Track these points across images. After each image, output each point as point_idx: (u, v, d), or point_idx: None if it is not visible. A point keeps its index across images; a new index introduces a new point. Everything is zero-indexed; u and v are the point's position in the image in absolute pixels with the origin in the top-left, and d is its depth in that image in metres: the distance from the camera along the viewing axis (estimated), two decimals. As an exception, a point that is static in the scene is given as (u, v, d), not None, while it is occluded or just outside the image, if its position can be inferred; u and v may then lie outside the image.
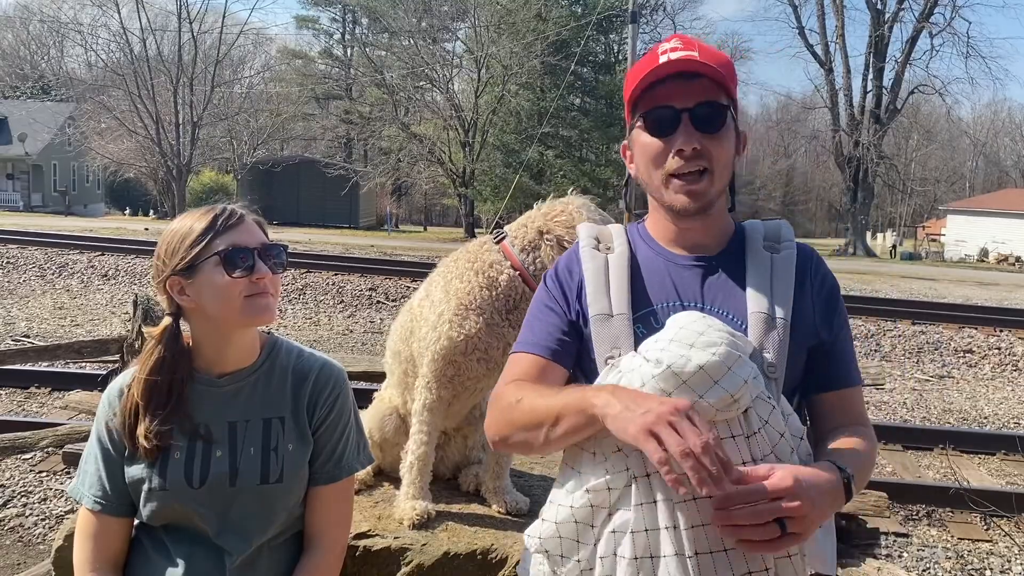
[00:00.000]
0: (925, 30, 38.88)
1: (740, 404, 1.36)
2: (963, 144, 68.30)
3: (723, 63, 1.58)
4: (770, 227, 1.70)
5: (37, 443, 4.65)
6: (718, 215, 1.65)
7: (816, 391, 1.66)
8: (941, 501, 5.68)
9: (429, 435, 2.43)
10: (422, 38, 33.24)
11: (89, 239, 18.50)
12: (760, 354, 1.50)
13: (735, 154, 1.64)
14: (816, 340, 1.61)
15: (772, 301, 1.56)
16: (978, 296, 18.65)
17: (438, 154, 32.93)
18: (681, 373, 1.35)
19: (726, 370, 1.35)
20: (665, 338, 1.42)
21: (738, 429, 1.37)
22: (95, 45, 42.16)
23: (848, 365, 1.66)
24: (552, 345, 1.66)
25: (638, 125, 1.61)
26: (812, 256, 1.68)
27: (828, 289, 1.66)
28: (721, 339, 1.38)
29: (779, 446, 1.40)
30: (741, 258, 1.63)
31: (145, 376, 1.72)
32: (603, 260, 1.68)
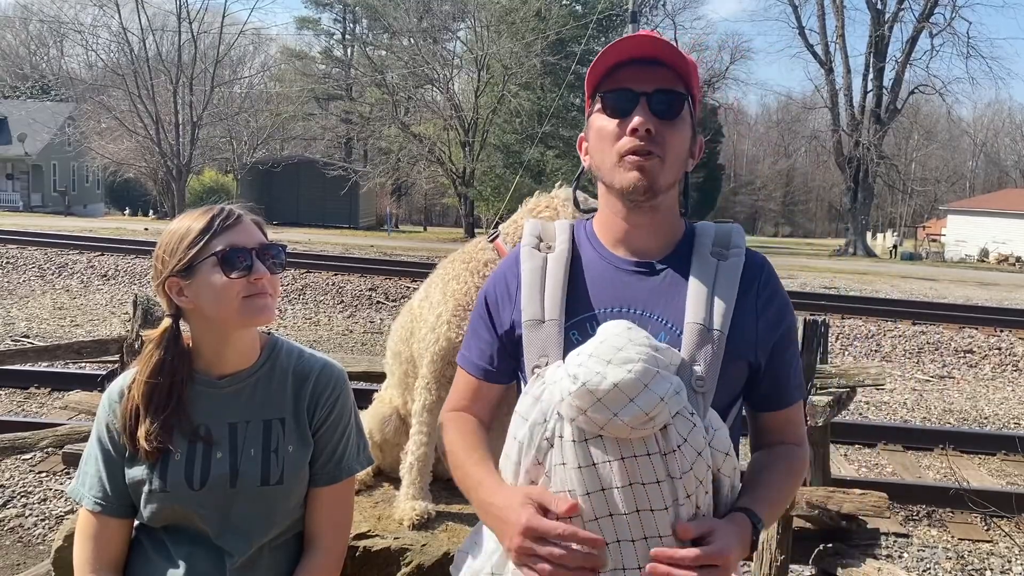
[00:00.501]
0: (925, 30, 38.90)
1: (656, 422, 1.34)
2: (963, 144, 68.36)
3: (685, 59, 1.57)
4: (721, 231, 1.65)
5: (37, 443, 4.65)
6: (666, 213, 1.62)
7: (755, 409, 1.67)
8: (941, 501, 5.68)
9: (429, 436, 2.43)
10: (422, 38, 33.23)
11: (89, 239, 18.50)
12: (690, 367, 1.48)
13: (689, 155, 1.62)
14: (754, 356, 1.58)
15: (711, 311, 1.53)
16: (978, 296, 18.65)
17: (438, 154, 32.92)
18: (595, 391, 1.33)
19: (642, 387, 1.33)
20: (585, 352, 1.40)
21: (654, 447, 1.36)
22: (95, 45, 42.18)
23: (787, 385, 1.64)
24: (484, 365, 1.70)
25: (596, 109, 1.60)
26: (763, 266, 1.64)
27: (776, 306, 1.62)
28: (639, 355, 1.36)
29: (696, 464, 1.38)
30: (687, 263, 1.60)
31: (145, 378, 1.72)
32: (541, 260, 1.65)
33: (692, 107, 1.59)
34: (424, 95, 34.66)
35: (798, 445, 1.66)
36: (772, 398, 1.64)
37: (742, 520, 1.45)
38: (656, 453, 1.36)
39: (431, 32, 34.11)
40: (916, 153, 57.83)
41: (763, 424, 1.67)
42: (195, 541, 1.72)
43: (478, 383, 1.71)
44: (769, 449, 1.65)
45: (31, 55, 58.19)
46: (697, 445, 1.38)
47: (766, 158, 74.59)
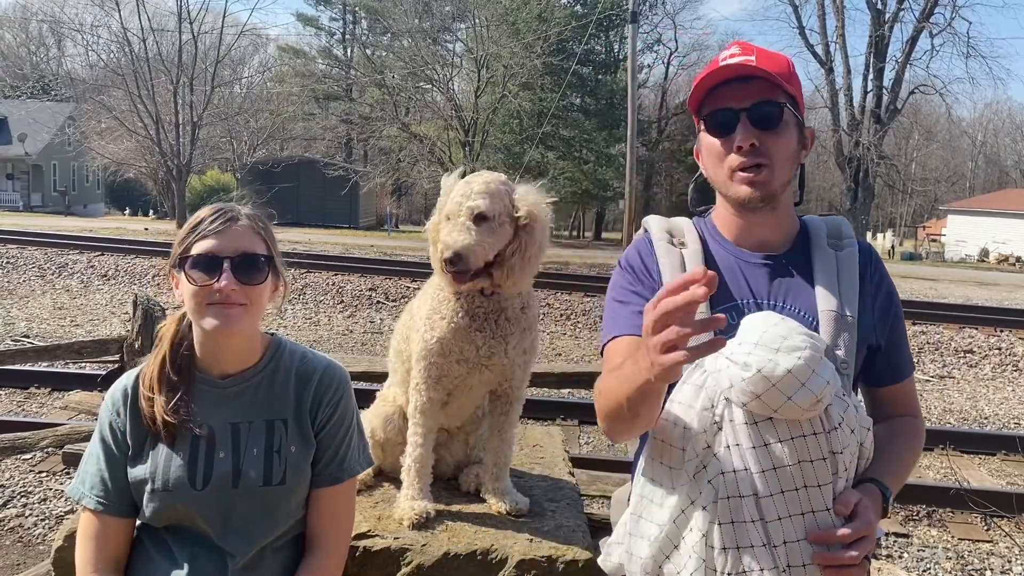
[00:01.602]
0: (925, 30, 38.85)
1: (823, 403, 1.46)
2: (963, 144, 68.31)
3: (780, 64, 1.66)
4: (831, 224, 1.77)
5: (37, 443, 4.65)
6: (784, 210, 1.72)
7: (872, 385, 1.78)
8: (941, 501, 5.68)
9: (424, 436, 2.44)
10: (422, 38, 33.22)
11: (89, 239, 18.50)
12: (833, 352, 1.59)
13: (801, 148, 1.71)
14: (874, 338, 1.69)
15: (841, 299, 1.64)
16: (978, 296, 18.65)
17: (438, 154, 32.90)
18: (771, 377, 1.43)
19: (811, 372, 1.44)
20: (750, 341, 1.49)
21: (819, 427, 1.48)
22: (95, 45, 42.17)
23: (900, 361, 1.77)
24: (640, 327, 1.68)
25: (702, 128, 1.71)
26: (871, 255, 1.76)
27: (885, 289, 1.75)
28: (804, 343, 1.46)
29: (851, 441, 1.52)
30: (808, 255, 1.70)
31: (165, 353, 1.75)
32: (678, 255, 1.73)
33: (795, 106, 1.68)
34: (424, 95, 34.65)
35: (915, 416, 1.79)
36: (888, 373, 1.76)
37: (874, 491, 1.57)
38: (821, 432, 1.48)
39: (431, 32, 34.09)
40: (916, 153, 57.79)
41: (881, 398, 1.79)
42: (197, 541, 1.72)
43: (637, 340, 1.58)
44: (889, 422, 1.76)
45: (31, 55, 58.18)
46: (851, 423, 1.52)
47: (766, 158, 74.42)
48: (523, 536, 2.32)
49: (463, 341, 2.34)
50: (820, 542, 1.46)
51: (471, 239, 2.12)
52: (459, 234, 2.12)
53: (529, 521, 2.43)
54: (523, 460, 2.96)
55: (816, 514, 1.48)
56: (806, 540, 1.47)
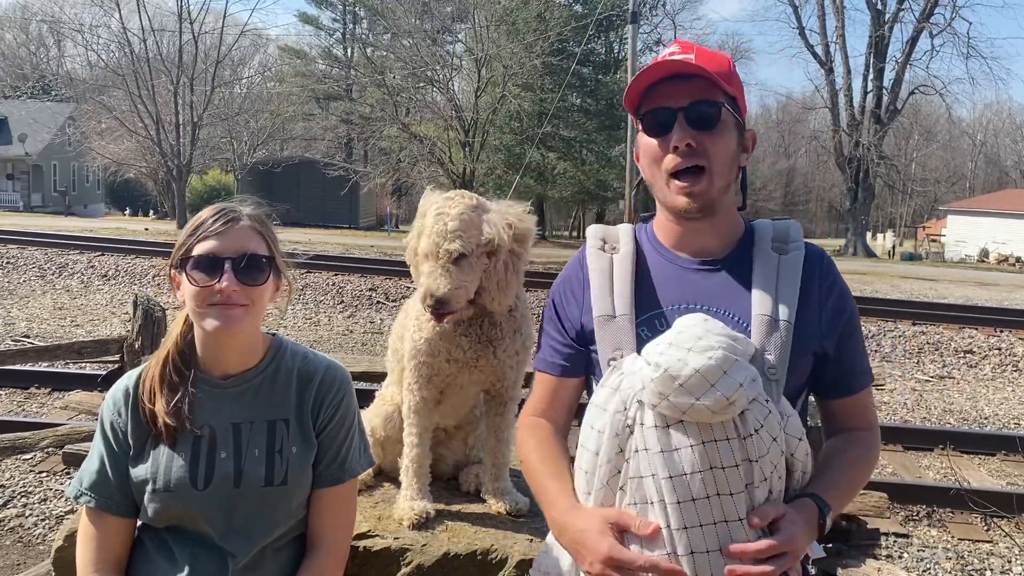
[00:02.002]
0: (925, 30, 38.88)
1: (736, 407, 1.40)
2: (963, 144, 68.30)
3: (720, 63, 1.61)
4: (779, 227, 1.70)
5: (37, 443, 4.65)
6: (723, 216, 1.66)
7: (822, 396, 1.72)
8: (941, 501, 5.68)
9: (419, 436, 2.44)
10: (423, 39, 33.20)
11: (89, 239, 18.50)
12: (762, 356, 1.53)
13: (742, 151, 1.66)
14: (820, 346, 1.63)
15: (776, 303, 1.58)
16: (978, 296, 18.64)
17: (438, 155, 32.88)
18: (678, 376, 1.39)
19: (722, 373, 1.39)
20: (665, 341, 1.46)
21: (733, 432, 1.42)
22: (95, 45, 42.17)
23: (853, 371, 1.68)
24: (559, 361, 1.74)
25: (639, 128, 1.66)
26: (822, 258, 1.68)
27: (837, 296, 1.66)
28: (719, 343, 1.42)
29: (772, 449, 1.44)
30: (749, 259, 1.64)
31: (168, 354, 1.76)
32: (608, 261, 1.70)
33: (736, 106, 1.63)
34: (425, 95, 34.64)
35: (867, 430, 1.71)
36: (840, 385, 1.69)
37: (809, 505, 1.51)
38: (735, 438, 1.42)
39: (431, 33, 34.08)
40: (916, 153, 57.80)
41: (833, 411, 1.72)
42: (198, 542, 1.72)
43: (555, 382, 1.76)
44: (840, 436, 1.70)
45: (31, 55, 58.18)
46: (772, 431, 1.44)
47: (766, 158, 74.51)
48: (523, 536, 2.32)
49: (449, 343, 2.34)
50: (732, 555, 1.40)
51: (452, 284, 2.14)
52: (440, 279, 2.14)
53: (529, 521, 2.43)
54: (523, 460, 2.95)
55: (729, 524, 1.41)
56: (719, 552, 1.41)
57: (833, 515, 1.55)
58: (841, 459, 1.64)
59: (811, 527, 1.49)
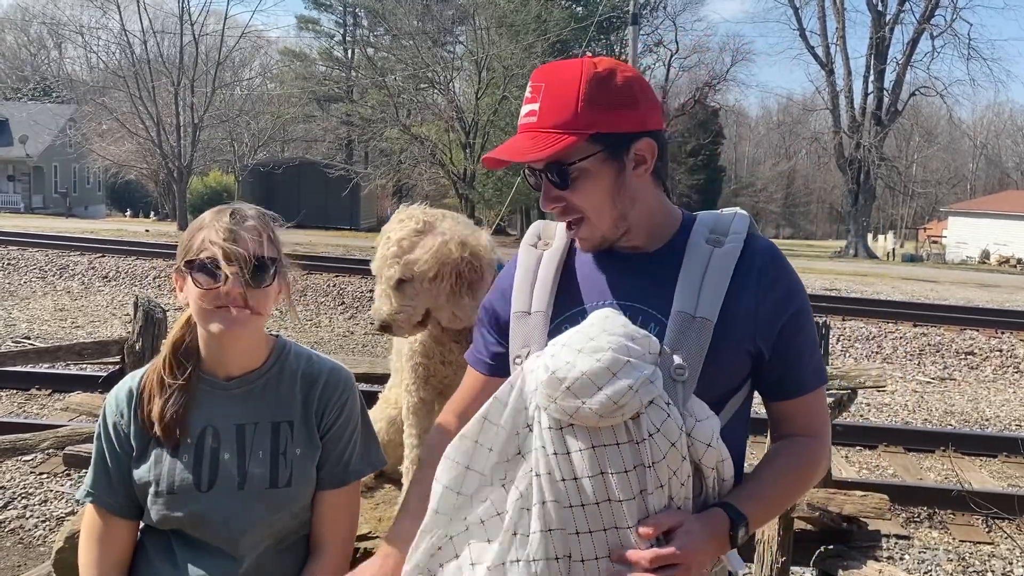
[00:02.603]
0: (926, 32, 38.89)
1: (626, 410, 1.34)
2: (964, 146, 68.31)
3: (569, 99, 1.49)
4: (722, 219, 1.62)
5: (38, 445, 4.65)
6: (640, 224, 1.59)
7: (766, 398, 1.63)
8: (943, 503, 5.68)
9: (419, 438, 2.44)
10: (423, 40, 33.25)
11: (90, 241, 18.51)
12: (671, 355, 1.46)
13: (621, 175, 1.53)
14: (754, 345, 1.54)
15: (697, 300, 1.50)
16: (979, 298, 18.64)
17: (439, 156, 32.92)
18: (564, 379, 1.35)
19: (609, 376, 1.33)
20: (560, 342, 1.43)
21: (624, 436, 1.36)
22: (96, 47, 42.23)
23: (798, 372, 1.59)
24: (486, 359, 1.74)
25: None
26: (766, 252, 1.58)
27: (781, 289, 1.56)
28: (609, 344, 1.37)
29: (670, 454, 1.38)
30: (680, 253, 1.57)
31: (168, 355, 1.75)
32: (536, 256, 1.69)
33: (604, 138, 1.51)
34: (425, 97, 34.68)
35: (812, 437, 1.60)
36: (783, 386, 1.59)
37: (717, 515, 1.43)
38: (625, 443, 1.36)
39: (432, 34, 34.13)
40: (917, 155, 57.76)
41: (777, 414, 1.63)
42: (201, 544, 1.72)
43: (482, 379, 1.75)
44: (781, 442, 1.61)
45: (32, 57, 58.24)
46: (671, 435, 1.37)
47: (767, 160, 74.53)
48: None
49: (442, 346, 2.34)
50: (619, 562, 1.35)
51: (392, 308, 2.16)
52: (382, 304, 2.17)
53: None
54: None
55: (619, 531, 1.36)
56: (607, 558, 1.36)
57: (752, 527, 1.46)
58: (771, 468, 1.55)
59: (716, 538, 1.41)
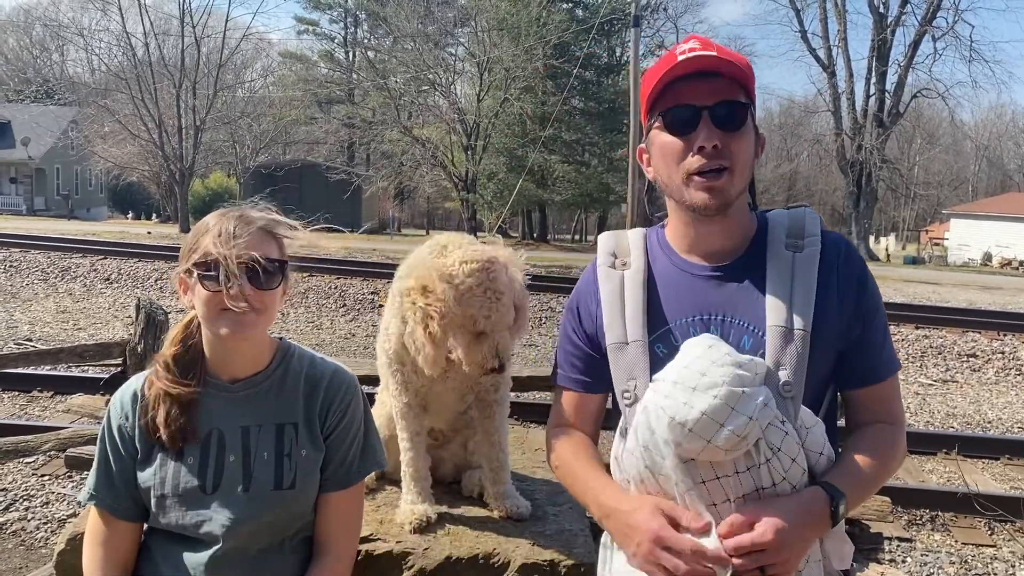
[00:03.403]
0: (928, 34, 38.89)
1: (749, 439, 1.37)
2: (966, 148, 68.27)
3: (742, 63, 1.57)
4: (795, 220, 1.64)
5: (40, 447, 4.64)
6: (737, 215, 1.62)
7: (845, 387, 1.65)
8: (945, 506, 5.66)
9: (411, 440, 2.44)
10: (424, 42, 33.26)
11: (92, 243, 18.52)
12: (776, 373, 1.49)
13: (754, 155, 1.62)
14: (844, 342, 1.58)
15: (791, 311, 1.52)
16: (982, 300, 18.61)
17: (440, 158, 32.91)
18: (685, 423, 1.36)
19: (729, 411, 1.35)
20: (670, 379, 1.42)
21: (744, 464, 1.40)
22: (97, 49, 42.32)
23: (876, 359, 1.62)
24: (582, 377, 1.73)
25: (656, 125, 1.59)
26: (839, 247, 1.61)
27: (856, 280, 1.59)
28: (723, 378, 1.38)
29: (791, 471, 1.42)
30: (762, 261, 1.59)
31: (172, 356, 1.75)
32: (619, 279, 1.67)
33: (752, 110, 1.60)
34: (426, 99, 34.68)
35: (890, 424, 1.63)
36: (861, 374, 1.62)
37: (813, 492, 1.45)
38: (745, 471, 1.40)
39: (433, 36, 34.14)
40: (919, 157, 57.80)
41: (855, 402, 1.65)
42: (206, 545, 1.72)
43: (579, 397, 1.75)
44: (863, 428, 1.62)
45: (35, 59, 58.33)
46: (791, 452, 1.42)
47: (769, 162, 74.48)
48: (525, 540, 2.32)
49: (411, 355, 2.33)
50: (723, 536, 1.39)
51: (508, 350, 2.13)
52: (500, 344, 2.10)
53: (531, 525, 2.43)
54: (526, 464, 2.95)
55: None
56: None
57: (850, 505, 1.48)
58: (860, 452, 1.56)
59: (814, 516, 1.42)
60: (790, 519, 1.39)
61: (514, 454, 2.63)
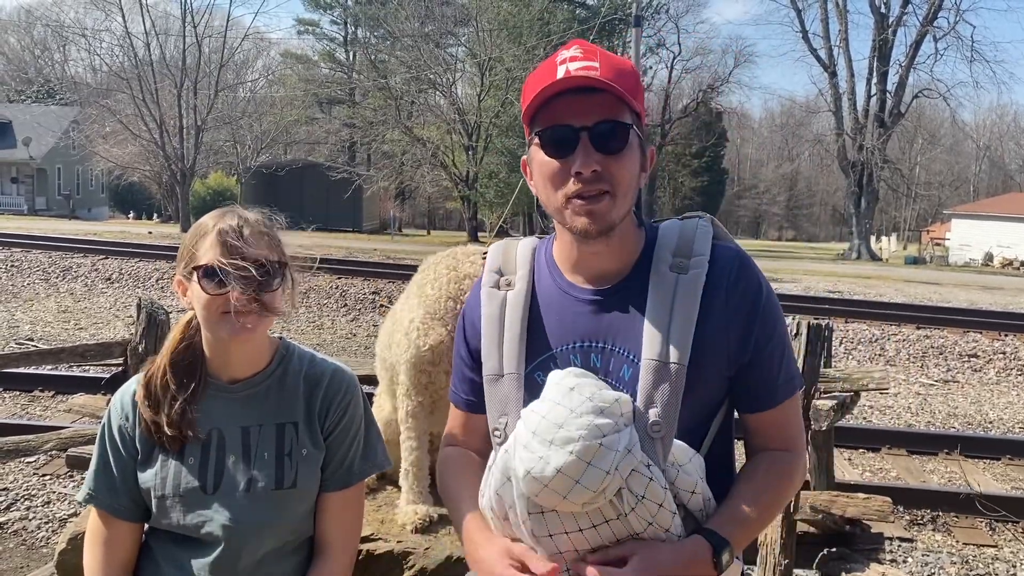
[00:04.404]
0: (929, 34, 38.89)
1: (608, 492, 1.33)
2: (967, 148, 68.28)
3: (626, 74, 1.47)
4: (684, 236, 1.55)
5: (41, 446, 4.65)
6: (623, 236, 1.53)
7: (739, 410, 1.60)
8: (946, 506, 5.66)
9: (418, 440, 2.44)
10: (425, 42, 33.28)
11: (93, 243, 18.54)
12: (645, 413, 1.43)
13: (641, 171, 1.53)
14: (728, 366, 1.52)
15: (667, 343, 1.45)
16: (983, 300, 18.60)
17: (441, 158, 32.94)
18: (540, 478, 1.33)
19: (585, 466, 1.31)
20: (530, 429, 1.37)
21: (612, 512, 1.36)
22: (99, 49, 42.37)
23: (769, 385, 1.54)
24: (469, 396, 1.71)
25: (535, 142, 1.50)
26: (730, 266, 1.52)
27: (748, 302, 1.51)
28: (579, 431, 1.32)
29: (659, 515, 1.38)
30: (645, 284, 1.52)
31: (168, 362, 1.74)
32: (500, 301, 1.61)
33: (639, 125, 1.50)
34: (427, 99, 34.70)
35: (785, 451, 1.56)
36: (754, 398, 1.55)
37: (694, 542, 1.41)
38: (614, 518, 1.36)
39: (433, 36, 34.16)
40: (920, 157, 57.81)
41: (750, 426, 1.59)
42: (207, 546, 1.72)
43: (466, 415, 1.73)
44: (756, 457, 1.57)
45: (36, 59, 58.39)
46: (657, 497, 1.37)
47: (770, 162, 74.51)
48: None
49: None
50: None
51: None
52: None
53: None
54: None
55: None
56: None
57: (736, 548, 1.43)
58: (748, 488, 1.50)
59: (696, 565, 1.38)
60: (664, 567, 1.35)
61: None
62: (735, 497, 1.50)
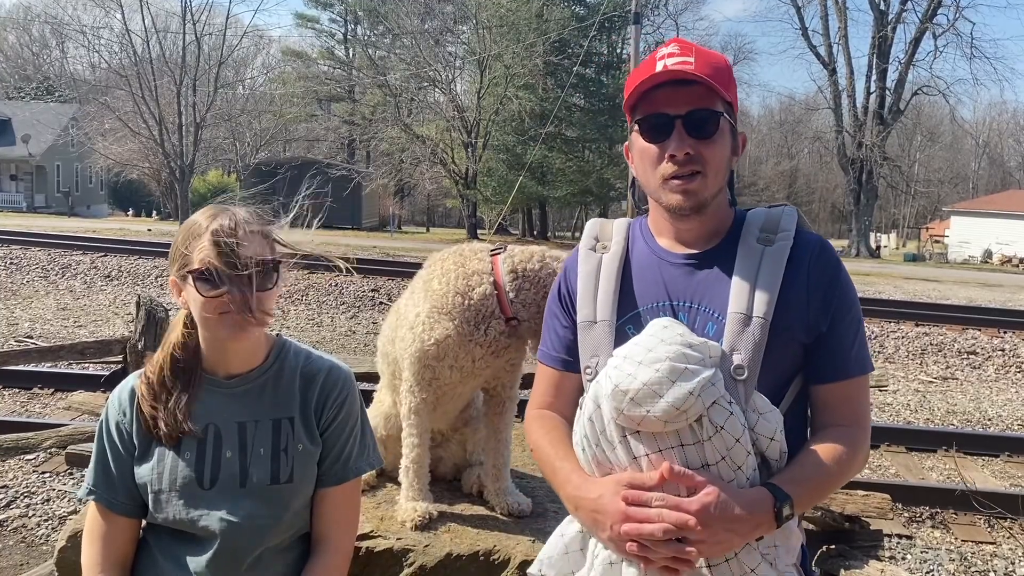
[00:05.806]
0: (928, 31, 38.87)
1: (689, 414, 1.42)
2: (967, 145, 68.26)
3: (719, 68, 1.62)
4: (771, 217, 1.69)
5: (40, 444, 4.66)
6: (714, 213, 1.67)
7: (810, 383, 1.66)
8: (945, 503, 5.67)
9: (420, 437, 2.43)
10: (424, 39, 33.26)
11: (92, 240, 18.53)
12: (729, 357, 1.53)
13: (732, 155, 1.67)
14: (808, 336, 1.60)
15: (752, 299, 1.57)
16: (982, 297, 18.61)
17: (440, 155, 32.93)
18: (628, 391, 1.42)
19: (670, 384, 1.41)
20: (621, 354, 1.49)
21: (689, 438, 1.44)
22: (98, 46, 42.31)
23: (844, 356, 1.62)
24: (561, 355, 1.76)
25: (635, 130, 1.66)
26: (814, 245, 1.65)
27: (828, 278, 1.62)
28: (667, 354, 1.44)
29: (734, 450, 1.45)
30: (734, 252, 1.64)
31: (166, 358, 1.75)
32: (597, 261, 1.73)
33: (731, 111, 1.64)
34: (426, 96, 34.69)
35: (849, 426, 1.62)
36: (825, 369, 1.63)
37: (758, 492, 1.47)
38: (691, 444, 1.44)
39: (433, 34, 34.14)
40: (919, 154, 57.79)
41: (818, 399, 1.65)
42: (204, 541, 1.72)
43: (559, 375, 1.78)
44: (822, 431, 1.62)
45: (35, 57, 58.32)
46: (735, 432, 1.44)
47: (769, 159, 74.48)
48: (525, 537, 2.32)
49: (461, 348, 2.32)
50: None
51: None
52: None
53: (531, 522, 2.43)
54: (526, 461, 2.96)
55: None
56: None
57: (797, 508, 1.49)
58: (814, 454, 1.56)
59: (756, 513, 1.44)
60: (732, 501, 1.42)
61: (514, 451, 2.64)
62: (800, 461, 1.56)
